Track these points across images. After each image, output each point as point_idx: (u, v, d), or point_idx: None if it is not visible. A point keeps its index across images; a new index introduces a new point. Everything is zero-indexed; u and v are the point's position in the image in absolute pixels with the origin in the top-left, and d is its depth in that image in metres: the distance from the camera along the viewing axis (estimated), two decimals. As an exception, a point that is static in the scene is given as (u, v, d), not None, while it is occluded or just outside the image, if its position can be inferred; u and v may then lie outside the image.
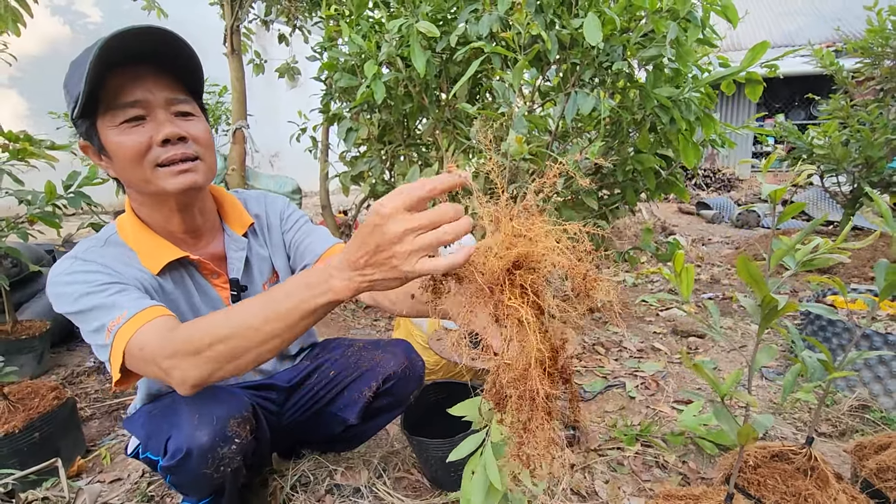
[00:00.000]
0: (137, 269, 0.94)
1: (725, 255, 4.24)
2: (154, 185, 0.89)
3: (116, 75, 0.84)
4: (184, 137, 0.90)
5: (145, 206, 0.97)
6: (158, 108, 0.88)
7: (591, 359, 2.19)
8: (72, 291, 0.85)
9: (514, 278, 0.55)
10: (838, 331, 1.84)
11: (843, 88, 3.89)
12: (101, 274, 0.88)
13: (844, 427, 1.57)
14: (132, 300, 0.84)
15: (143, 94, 0.86)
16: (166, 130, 0.87)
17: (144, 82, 0.86)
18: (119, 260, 0.93)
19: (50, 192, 1.99)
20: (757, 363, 0.83)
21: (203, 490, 0.97)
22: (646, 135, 1.69)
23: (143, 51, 0.85)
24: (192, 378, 0.73)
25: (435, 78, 1.86)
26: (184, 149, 0.89)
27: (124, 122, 0.86)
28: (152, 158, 0.87)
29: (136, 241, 0.97)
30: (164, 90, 0.88)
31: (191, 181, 0.91)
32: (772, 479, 1.00)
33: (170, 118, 0.89)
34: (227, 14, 2.87)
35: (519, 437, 0.55)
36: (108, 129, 0.86)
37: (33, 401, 1.44)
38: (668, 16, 1.42)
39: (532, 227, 0.55)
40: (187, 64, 0.91)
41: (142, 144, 0.86)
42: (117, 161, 0.89)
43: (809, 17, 11.75)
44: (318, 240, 1.15)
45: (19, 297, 2.44)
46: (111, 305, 0.83)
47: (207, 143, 0.95)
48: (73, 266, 0.89)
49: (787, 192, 0.93)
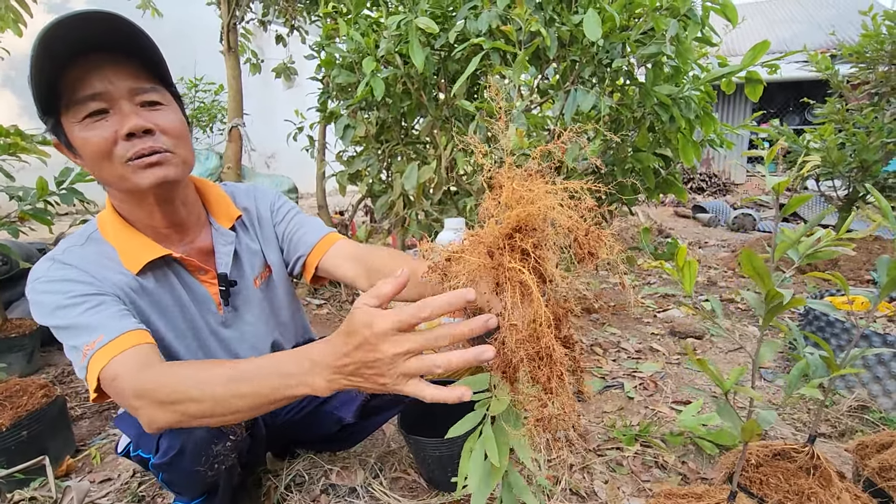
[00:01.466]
0: (117, 271, 0.89)
1: (722, 258, 4.25)
2: (128, 181, 0.84)
3: (75, 67, 0.78)
4: (150, 130, 0.83)
5: (125, 202, 0.92)
6: (122, 99, 0.81)
7: (590, 359, 2.18)
8: (49, 301, 0.81)
9: (515, 242, 0.54)
10: (837, 331, 1.84)
11: (838, 92, 3.92)
12: (79, 284, 0.83)
13: (844, 427, 1.57)
14: (109, 319, 0.80)
15: (104, 86, 0.80)
16: (130, 123, 0.80)
17: (103, 72, 0.80)
18: (99, 262, 0.88)
19: (42, 188, 1.96)
20: (761, 357, 0.81)
21: (196, 488, 0.94)
22: (645, 133, 1.69)
23: (95, 39, 0.78)
24: (158, 423, 0.73)
25: (433, 75, 1.86)
26: (151, 142, 0.83)
27: (87, 117, 0.80)
28: (120, 154, 0.81)
29: (116, 239, 0.92)
30: (127, 79, 0.82)
31: (161, 175, 0.84)
32: (774, 478, 0.98)
33: (135, 110, 0.82)
34: (224, 12, 2.86)
35: (540, 399, 0.53)
36: (73, 125, 0.81)
37: (21, 398, 1.41)
38: (668, 13, 1.41)
39: (532, 189, 0.54)
40: (146, 47, 0.83)
41: (107, 140, 0.80)
42: (86, 159, 0.84)
43: (804, 23, 11.89)
44: (311, 230, 1.12)
45: (9, 296, 2.40)
46: (87, 326, 0.79)
47: (179, 134, 0.88)
48: (50, 270, 0.85)
49: (782, 196, 0.92)
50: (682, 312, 2.79)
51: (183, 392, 0.70)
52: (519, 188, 0.55)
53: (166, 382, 0.71)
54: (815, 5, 13.00)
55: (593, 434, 1.56)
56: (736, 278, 3.58)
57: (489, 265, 0.54)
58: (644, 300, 3.01)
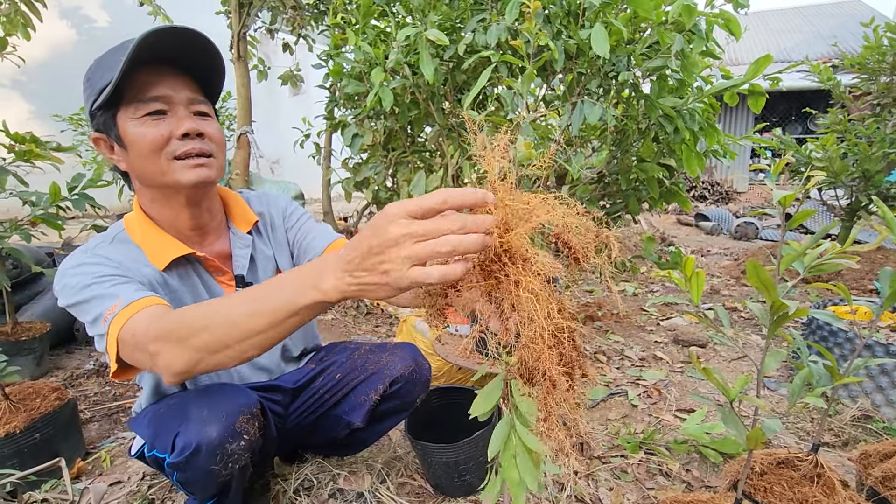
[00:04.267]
0: (143, 265, 0.97)
1: (724, 266, 4.26)
2: (169, 176, 0.93)
3: (143, 72, 0.89)
4: (201, 133, 0.94)
5: (155, 202, 1.00)
6: (180, 105, 0.93)
7: (593, 366, 2.19)
8: (76, 283, 0.88)
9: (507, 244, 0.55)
10: (840, 341, 1.85)
11: (840, 103, 3.94)
12: (106, 266, 0.90)
13: (847, 437, 1.58)
14: (130, 291, 0.85)
15: (167, 91, 0.91)
16: (187, 125, 0.92)
17: (168, 80, 0.92)
18: (126, 257, 0.95)
19: (54, 193, 1.99)
20: (766, 366, 0.83)
21: (210, 488, 0.96)
22: (650, 144, 1.71)
23: (172, 52, 0.90)
24: (177, 365, 0.72)
25: (441, 85, 1.89)
26: (201, 144, 0.94)
27: (146, 115, 0.90)
28: (170, 151, 0.92)
29: (143, 238, 0.99)
30: (186, 90, 0.94)
31: (204, 175, 0.95)
32: (778, 486, 0.99)
33: (189, 115, 0.94)
34: (235, 21, 2.91)
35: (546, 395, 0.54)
36: (130, 120, 0.90)
37: (35, 401, 1.44)
38: (673, 28, 1.44)
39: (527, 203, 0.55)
40: (213, 70, 0.97)
41: (162, 137, 0.90)
42: (135, 151, 0.92)
43: (806, 34, 11.95)
44: (320, 236, 1.17)
45: (19, 299, 2.43)
46: (109, 295, 0.85)
47: (221, 143, 1.00)
48: (80, 259, 0.92)
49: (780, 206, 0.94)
50: (685, 321, 2.80)
51: (198, 324, 0.70)
52: (512, 204, 0.56)
53: (180, 320, 0.73)
54: (817, 16, 13.08)
55: (598, 441, 1.57)
56: (739, 286, 3.59)
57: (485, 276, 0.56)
58: (647, 308, 3.02)
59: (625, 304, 3.18)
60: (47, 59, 5.82)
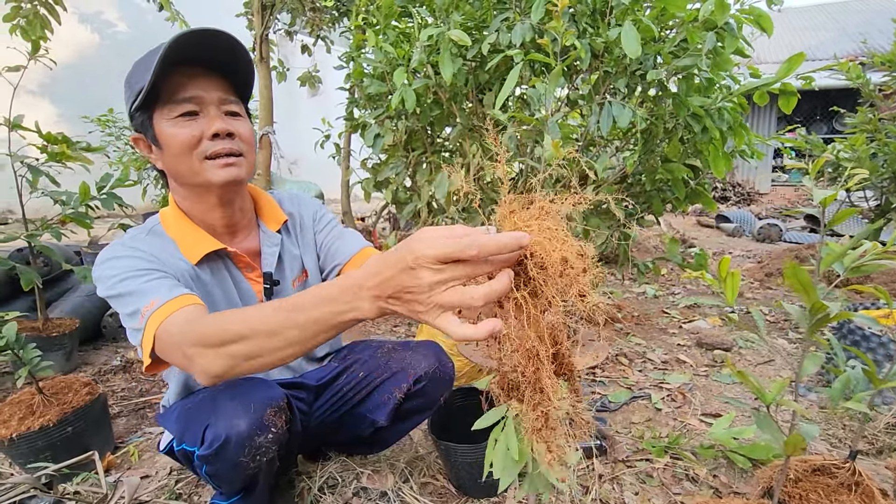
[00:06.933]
0: (177, 258, 0.99)
1: (748, 268, 4.17)
2: (201, 175, 0.96)
3: (177, 73, 0.91)
4: (231, 133, 0.96)
5: (188, 199, 1.03)
6: (211, 105, 0.95)
7: (615, 369, 2.16)
8: (113, 274, 0.90)
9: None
10: (873, 345, 1.80)
11: (869, 102, 3.83)
12: (142, 260, 0.92)
13: (882, 445, 1.53)
14: (166, 288, 0.87)
15: (199, 92, 0.93)
16: (217, 125, 0.94)
17: (200, 81, 0.94)
18: (161, 250, 0.98)
19: (84, 192, 2.04)
20: (804, 370, 0.81)
21: (237, 481, 0.97)
22: (676, 144, 1.68)
23: (203, 53, 0.92)
24: (214, 369, 0.74)
25: (463, 85, 1.88)
26: (231, 144, 0.96)
27: (179, 116, 0.93)
28: (202, 150, 0.94)
29: (177, 232, 1.02)
30: (218, 90, 0.96)
31: (234, 174, 0.97)
32: (814, 494, 0.97)
33: (220, 115, 0.96)
34: (258, 23, 2.94)
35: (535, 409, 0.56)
36: (164, 121, 0.93)
37: (67, 395, 1.47)
38: (703, 26, 1.42)
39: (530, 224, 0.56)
40: (242, 70, 0.99)
41: (194, 137, 0.93)
42: (168, 151, 0.95)
43: (832, 31, 11.66)
44: (349, 242, 1.19)
45: (50, 296, 2.50)
46: (146, 291, 0.86)
47: (251, 142, 1.03)
48: (117, 251, 0.95)
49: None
50: (708, 324, 2.75)
51: (234, 332, 0.71)
52: (520, 223, 0.57)
53: (218, 326, 0.74)
54: (842, 12, 12.75)
55: (621, 445, 1.55)
56: (763, 289, 3.52)
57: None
58: (669, 311, 2.97)
59: (645, 306, 3.14)
60: (72, 63, 5.97)
